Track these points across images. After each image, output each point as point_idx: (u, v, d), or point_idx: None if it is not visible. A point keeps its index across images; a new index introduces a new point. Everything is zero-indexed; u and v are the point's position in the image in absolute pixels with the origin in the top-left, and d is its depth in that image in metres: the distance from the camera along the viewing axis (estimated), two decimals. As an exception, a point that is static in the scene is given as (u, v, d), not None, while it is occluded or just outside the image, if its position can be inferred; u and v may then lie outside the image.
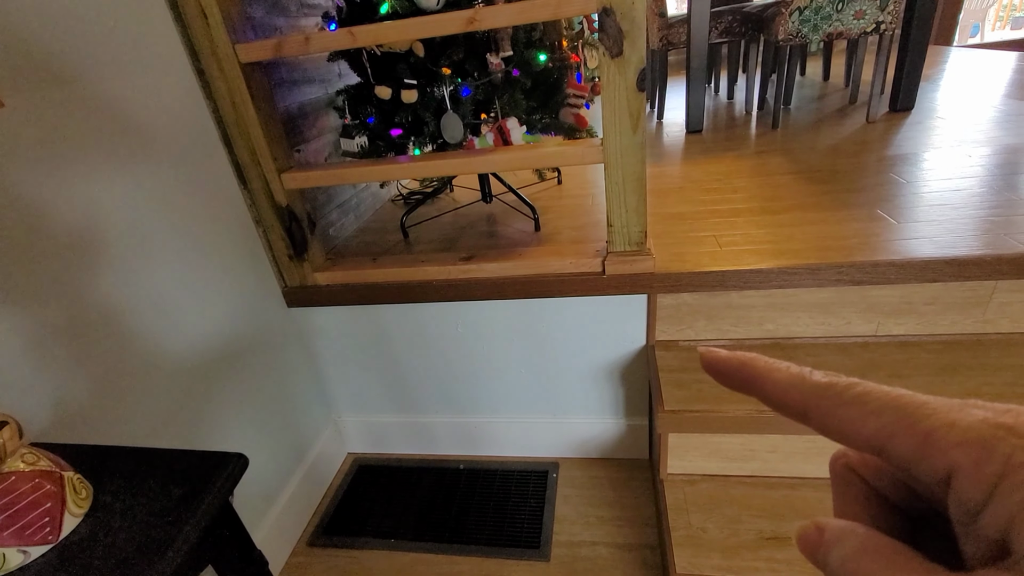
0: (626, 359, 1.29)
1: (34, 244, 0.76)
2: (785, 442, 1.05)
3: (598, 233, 1.32)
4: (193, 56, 1.04)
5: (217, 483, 0.58)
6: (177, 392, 1.00)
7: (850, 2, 1.83)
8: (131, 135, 0.92)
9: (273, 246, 1.26)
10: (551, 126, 1.29)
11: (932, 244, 1.06)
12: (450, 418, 1.50)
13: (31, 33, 0.76)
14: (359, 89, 1.27)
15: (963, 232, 1.09)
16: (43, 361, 0.76)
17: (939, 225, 1.13)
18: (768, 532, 0.98)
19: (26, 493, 0.51)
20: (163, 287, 0.97)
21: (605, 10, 0.90)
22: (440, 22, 0.97)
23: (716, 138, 2.12)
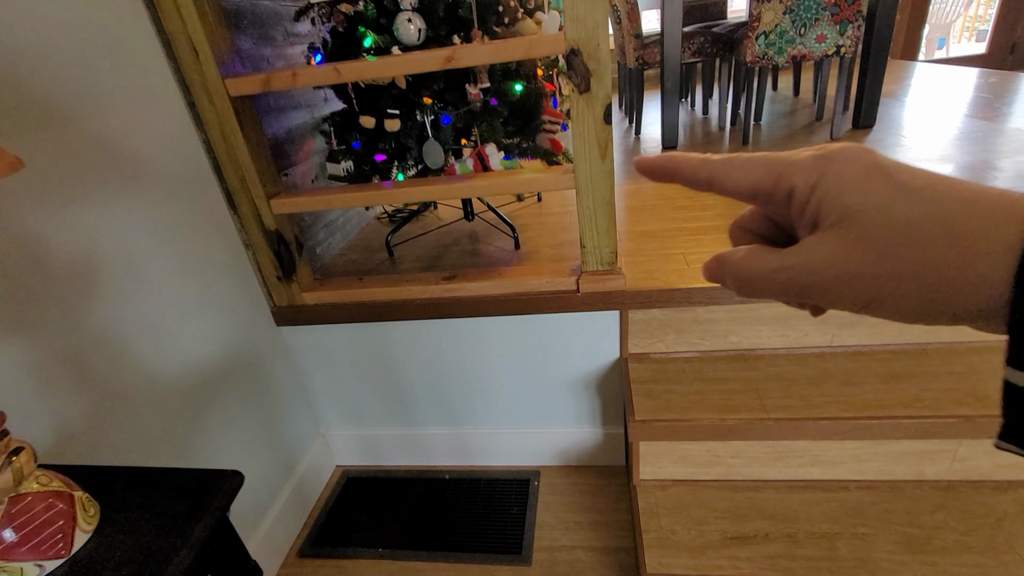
0: (602, 371, 1.36)
1: (37, 276, 0.80)
2: (748, 448, 1.12)
3: (575, 251, 1.39)
4: (185, 90, 1.10)
5: (216, 499, 0.64)
6: (171, 411, 1.04)
7: (812, 27, 1.93)
8: (126, 167, 0.97)
9: (262, 268, 1.31)
10: (528, 151, 1.36)
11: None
12: (436, 430, 1.55)
13: (33, 78, 0.81)
14: (344, 116, 1.33)
15: (908, 250, 1.17)
16: (45, 386, 0.81)
17: (887, 243, 1.22)
18: (732, 532, 1.05)
19: (41, 512, 0.56)
20: (156, 311, 1.02)
21: (573, 51, 0.98)
22: (420, 60, 1.04)
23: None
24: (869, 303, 0.20)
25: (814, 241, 0.21)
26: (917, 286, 0.19)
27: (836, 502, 1.08)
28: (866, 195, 0.19)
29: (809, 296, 0.21)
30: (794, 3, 1.89)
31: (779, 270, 0.21)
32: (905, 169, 0.20)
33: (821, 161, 0.21)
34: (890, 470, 1.10)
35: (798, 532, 1.03)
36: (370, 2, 1.12)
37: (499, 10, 1.16)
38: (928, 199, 0.19)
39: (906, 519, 1.03)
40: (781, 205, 0.22)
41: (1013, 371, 0.17)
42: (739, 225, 0.26)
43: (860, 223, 0.19)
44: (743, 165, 0.22)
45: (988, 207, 0.18)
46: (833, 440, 1.09)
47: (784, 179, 0.21)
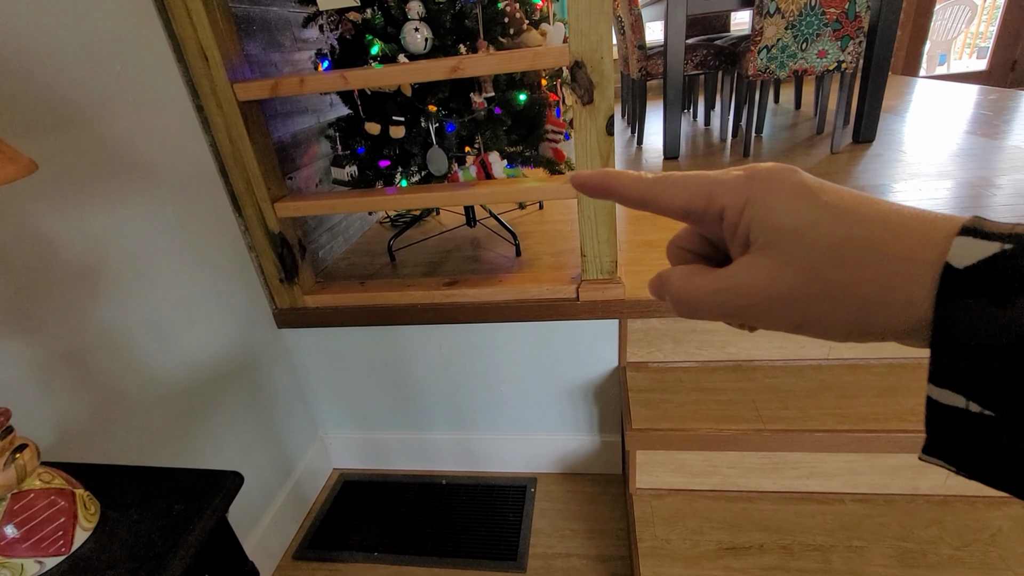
0: (600, 379, 1.36)
1: (44, 275, 0.81)
2: (743, 459, 1.13)
3: (575, 259, 1.40)
4: (193, 94, 1.11)
5: (215, 500, 0.64)
6: (171, 411, 1.05)
7: (814, 42, 1.95)
8: (134, 169, 0.98)
9: (265, 270, 1.32)
10: (531, 159, 1.37)
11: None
12: (434, 435, 1.55)
13: (46, 82, 0.82)
14: (350, 121, 1.35)
15: (905, 264, 1.19)
16: (48, 384, 0.82)
17: (885, 257, 1.23)
18: (727, 543, 1.05)
19: (42, 509, 0.57)
20: (160, 311, 1.03)
21: (577, 63, 0.99)
22: (426, 69, 1.05)
23: (692, 164, 2.23)
24: (801, 324, 0.20)
25: (745, 263, 0.21)
26: (845, 307, 0.19)
27: (831, 514, 1.08)
28: (792, 216, 0.20)
29: (744, 318, 0.22)
30: (796, 18, 1.91)
31: (714, 292, 0.22)
32: (830, 190, 0.20)
33: (749, 182, 0.21)
34: (885, 484, 1.11)
35: (793, 544, 1.04)
36: (378, 11, 1.13)
37: (505, 21, 1.18)
38: (852, 221, 0.19)
39: (900, 533, 1.03)
40: (714, 225, 0.22)
41: (935, 388, 0.18)
42: (676, 244, 0.26)
43: (787, 245, 0.20)
44: (675, 184, 0.23)
45: (909, 228, 0.18)
46: (829, 452, 1.09)
47: (715, 200, 0.22)
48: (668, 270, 0.25)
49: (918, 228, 0.18)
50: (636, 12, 2.47)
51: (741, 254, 0.22)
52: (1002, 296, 0.16)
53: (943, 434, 0.18)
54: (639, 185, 0.23)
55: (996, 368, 0.16)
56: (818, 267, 0.19)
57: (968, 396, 0.17)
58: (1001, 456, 0.17)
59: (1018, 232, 0.16)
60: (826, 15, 1.88)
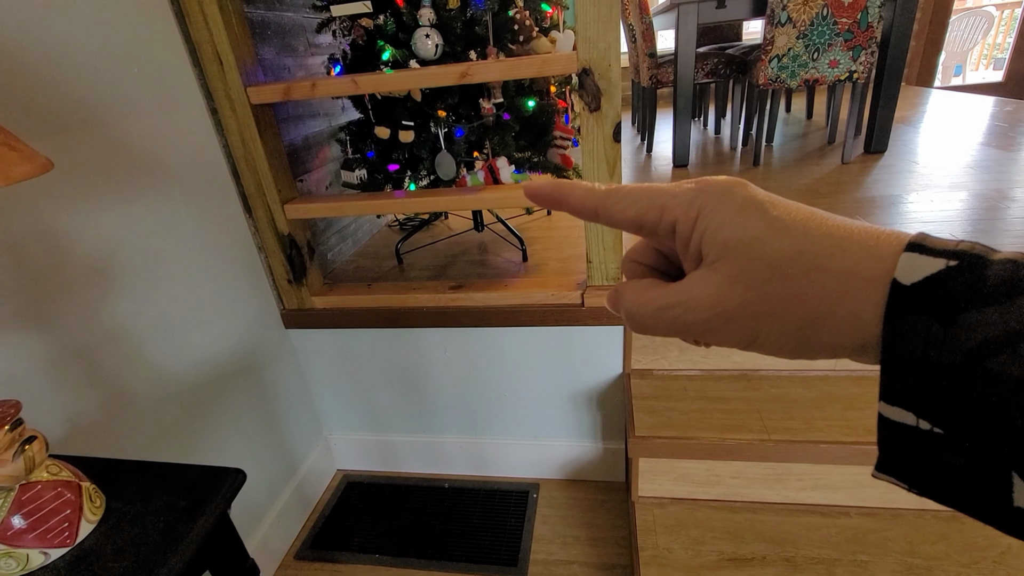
0: (604, 386, 1.36)
1: (58, 271, 0.83)
2: (747, 469, 1.12)
3: (581, 265, 1.40)
4: (208, 97, 1.13)
5: (218, 496, 0.65)
6: (178, 408, 1.06)
7: (825, 52, 1.95)
8: (148, 170, 1.00)
9: (274, 271, 1.33)
10: (539, 165, 1.38)
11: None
12: (438, 438, 1.56)
13: (65, 83, 0.85)
14: (360, 125, 1.36)
15: (915, 276, 1.17)
16: (59, 379, 0.83)
17: (894, 268, 1.22)
18: (729, 553, 1.04)
19: (49, 501, 0.58)
20: (170, 310, 1.05)
21: (585, 71, 1.00)
22: (436, 75, 1.07)
23: (701, 173, 2.23)
24: (751, 340, 0.20)
25: (696, 278, 0.21)
26: (793, 322, 0.19)
27: (836, 527, 1.07)
28: (741, 230, 0.20)
29: (695, 334, 0.21)
30: (808, 28, 1.91)
31: (666, 308, 0.21)
32: (779, 204, 0.20)
33: (699, 195, 0.21)
34: (891, 497, 1.09)
35: (796, 556, 1.02)
36: (390, 17, 1.15)
37: (515, 28, 1.19)
38: (799, 236, 0.19)
39: (907, 548, 1.02)
40: (666, 238, 0.22)
41: (886, 405, 0.18)
42: (631, 258, 0.26)
43: (737, 260, 0.20)
44: (627, 196, 0.22)
45: (855, 243, 0.18)
46: (834, 464, 1.08)
47: (667, 212, 0.21)
48: (623, 284, 0.24)
49: (864, 243, 0.18)
50: (647, 20, 2.48)
51: (694, 268, 0.21)
52: (948, 313, 0.16)
53: (895, 451, 0.18)
54: (591, 196, 0.23)
55: (944, 386, 0.16)
56: (764, 281, 0.19)
57: (918, 414, 0.17)
58: (950, 474, 0.17)
59: (963, 249, 0.16)
60: (838, 25, 1.88)
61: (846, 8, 1.84)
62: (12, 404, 0.57)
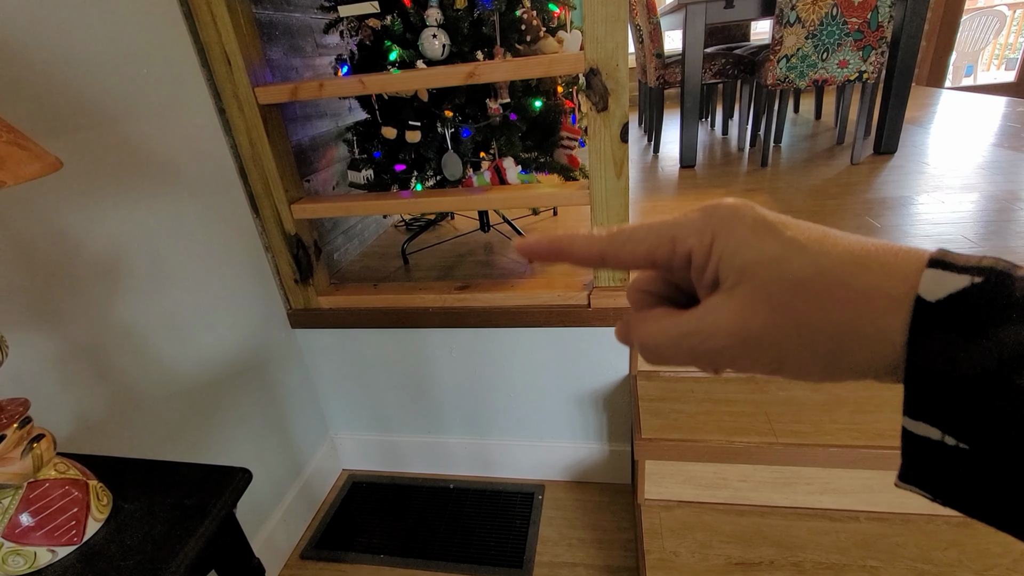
0: (610, 387, 1.35)
1: (67, 270, 0.84)
2: (755, 472, 1.11)
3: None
4: (216, 97, 1.14)
5: (224, 495, 0.65)
6: (185, 407, 1.06)
7: (834, 52, 1.93)
8: (157, 170, 1.00)
9: (280, 271, 1.34)
10: (546, 165, 1.38)
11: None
12: (443, 438, 1.56)
13: (74, 83, 0.85)
14: (367, 126, 1.37)
15: (926, 278, 1.16)
16: (67, 377, 0.84)
17: (905, 270, 1.20)
18: (737, 558, 1.03)
19: (57, 499, 0.58)
20: (177, 309, 1.05)
21: (592, 70, 0.99)
22: (443, 75, 1.06)
23: (708, 174, 2.21)
24: (777, 365, 0.20)
25: (715, 303, 0.20)
26: (820, 344, 0.18)
27: (845, 532, 1.06)
28: (758, 253, 0.19)
29: (719, 362, 0.21)
30: (817, 28, 1.90)
31: (684, 336, 0.21)
32: (792, 224, 0.20)
33: (710, 219, 0.21)
34: (902, 502, 1.08)
35: (805, 561, 1.01)
36: (397, 18, 1.15)
37: (522, 28, 1.19)
38: (818, 254, 0.19)
39: (918, 554, 1.00)
40: (681, 269, 0.22)
41: (910, 420, 0.17)
42: (637, 288, 0.25)
43: (757, 282, 0.19)
44: (632, 236, 0.22)
45: (876, 261, 0.18)
46: (844, 468, 1.07)
47: (679, 244, 0.21)
48: (633, 314, 0.24)
49: (884, 261, 0.18)
50: (655, 21, 2.47)
51: (709, 294, 0.21)
52: (975, 330, 0.16)
53: (919, 463, 0.18)
54: (595, 244, 0.22)
55: (970, 402, 0.16)
56: (787, 303, 0.19)
57: (943, 429, 0.17)
58: (977, 487, 0.17)
59: (987, 265, 0.16)
60: (848, 25, 1.86)
61: (856, 8, 1.83)
62: (21, 402, 0.57)
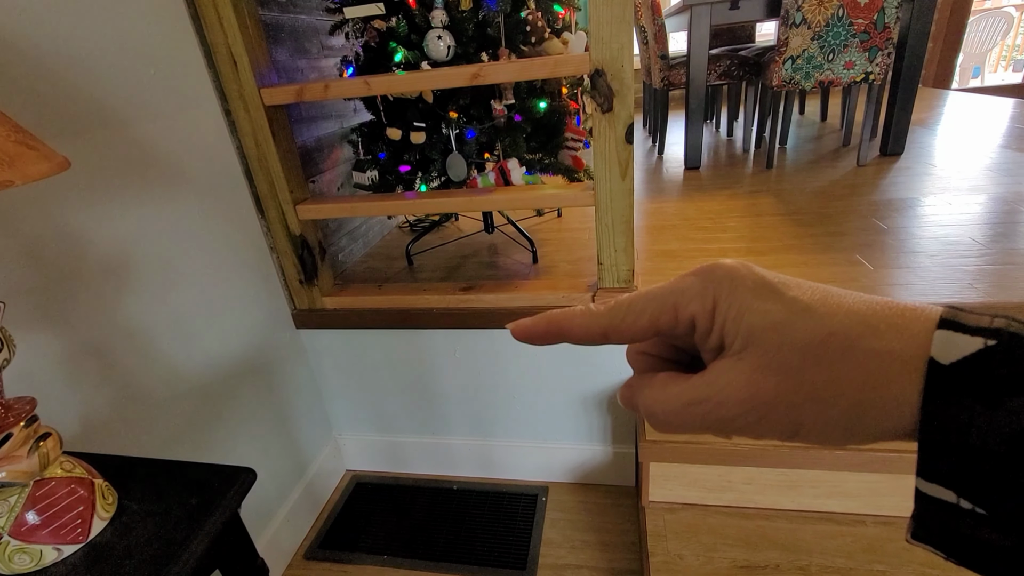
0: (614, 389, 1.35)
1: (75, 270, 0.84)
2: (760, 475, 1.10)
3: (592, 267, 1.39)
4: (222, 98, 1.14)
5: (229, 495, 0.65)
6: (190, 407, 1.07)
7: (840, 53, 1.92)
8: (163, 170, 1.01)
9: (285, 271, 1.34)
10: (550, 167, 1.38)
11: (904, 290, 1.13)
12: (446, 440, 1.55)
13: (82, 84, 0.86)
14: (372, 127, 1.37)
15: (933, 280, 1.15)
16: (74, 376, 0.84)
17: (912, 272, 1.20)
18: (742, 561, 1.02)
19: (63, 497, 0.58)
20: (183, 309, 1.05)
21: (597, 72, 0.99)
22: (448, 76, 1.07)
23: (713, 175, 2.21)
24: (794, 431, 0.19)
25: (724, 368, 0.20)
26: (837, 411, 0.18)
27: (851, 536, 1.05)
28: (762, 316, 0.19)
29: (732, 430, 0.20)
30: (823, 29, 1.89)
31: (693, 403, 0.20)
32: (791, 284, 0.19)
33: (708, 284, 0.20)
34: (909, 507, 1.06)
35: (811, 565, 1.00)
36: (402, 19, 1.16)
37: (527, 30, 1.19)
38: (824, 316, 0.18)
39: (926, 559, 0.99)
40: (685, 335, 0.21)
41: (924, 482, 0.17)
42: (637, 350, 0.25)
43: (765, 347, 0.19)
44: (632, 308, 0.21)
45: (884, 321, 0.17)
46: (850, 471, 1.06)
47: (681, 311, 0.20)
48: (637, 379, 0.23)
49: (892, 321, 0.17)
50: (660, 22, 2.47)
51: (714, 358, 0.20)
52: (990, 397, 0.15)
53: (933, 524, 0.18)
54: (595, 320, 0.22)
55: (987, 470, 0.15)
56: (798, 368, 0.18)
57: (959, 493, 0.16)
58: (992, 551, 0.16)
59: (999, 327, 0.16)
60: (854, 26, 1.86)
61: (862, 9, 1.82)
62: (28, 401, 0.58)
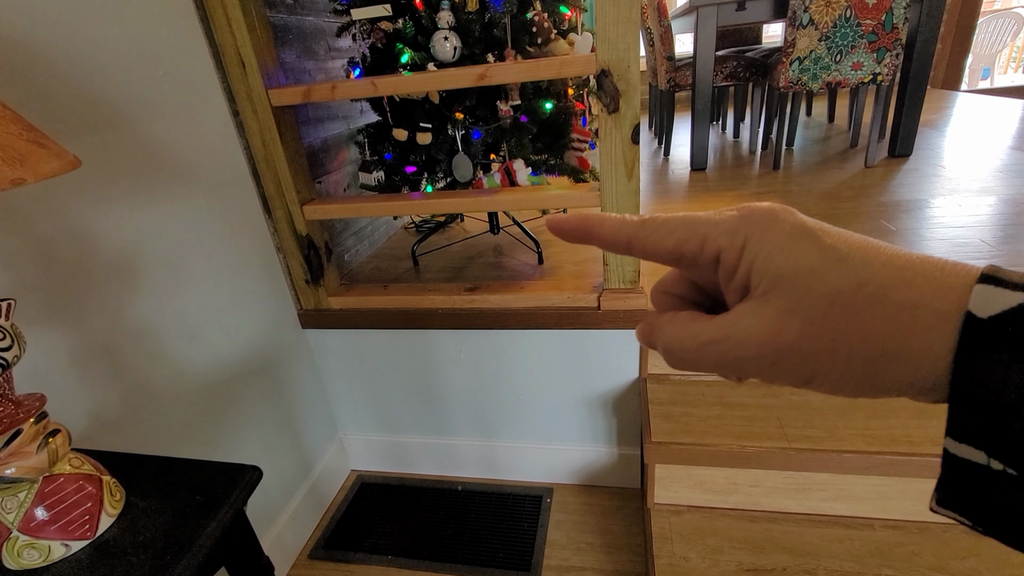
0: (620, 390, 1.35)
1: (83, 269, 0.85)
2: (767, 477, 1.09)
3: (598, 268, 1.39)
4: (230, 99, 1.15)
5: (235, 492, 0.66)
6: (197, 405, 1.07)
7: (848, 54, 1.91)
8: (172, 170, 1.02)
9: (292, 271, 1.35)
10: (556, 167, 1.38)
11: (912, 292, 1.11)
12: (452, 440, 1.55)
13: (93, 84, 0.87)
14: (378, 128, 1.37)
15: (943, 282, 1.14)
16: (83, 374, 0.85)
17: (921, 274, 1.19)
18: (748, 564, 1.02)
19: (71, 493, 0.59)
20: (190, 309, 1.06)
21: (603, 72, 0.99)
22: (454, 76, 1.07)
23: (719, 177, 2.20)
24: (809, 378, 0.19)
25: (745, 311, 0.19)
26: (858, 361, 0.18)
27: (859, 540, 1.04)
28: (794, 260, 0.18)
29: (746, 371, 0.20)
30: (830, 30, 1.88)
31: (711, 343, 0.20)
32: (831, 232, 0.19)
33: (745, 221, 0.20)
34: (918, 510, 1.06)
35: (818, 569, 1.00)
36: (409, 20, 1.16)
37: (533, 31, 1.19)
38: (858, 265, 0.18)
39: (934, 563, 0.98)
40: (707, 269, 0.21)
41: (953, 442, 0.17)
42: (661, 289, 0.24)
43: (791, 292, 0.18)
44: (663, 226, 0.21)
45: (920, 274, 0.17)
46: (858, 475, 1.05)
47: (709, 241, 0.20)
48: (657, 316, 0.23)
49: (929, 274, 0.17)
50: (666, 23, 2.47)
51: (738, 300, 0.20)
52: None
53: (961, 488, 0.17)
54: (623, 228, 0.22)
55: (1020, 428, 0.15)
56: (824, 316, 0.18)
57: (990, 453, 0.16)
58: (1021, 515, 0.16)
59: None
60: (862, 27, 1.85)
61: (870, 9, 1.81)
62: (37, 397, 0.58)
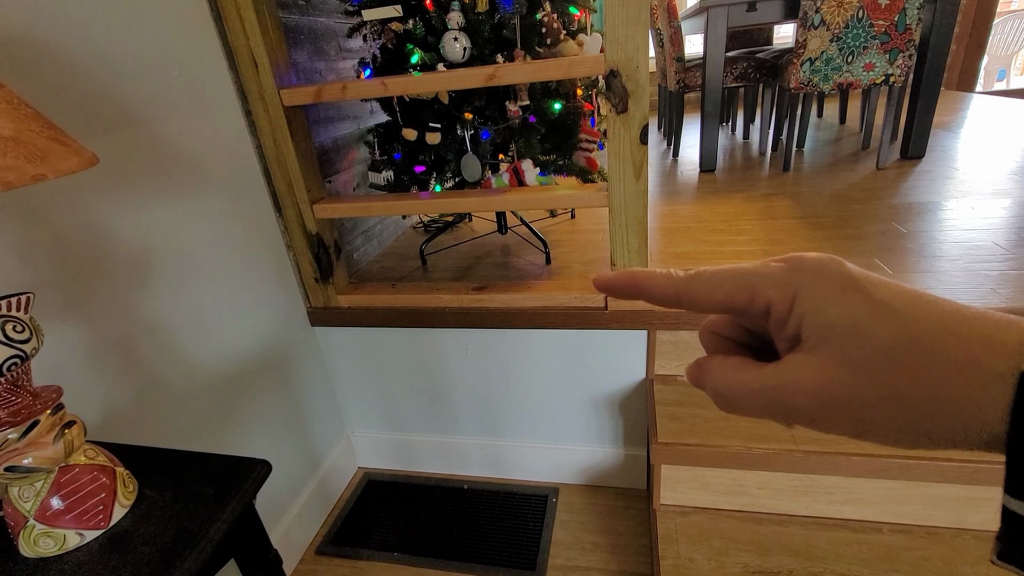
0: (626, 391, 1.35)
1: (99, 265, 0.87)
2: (774, 479, 1.09)
3: (605, 268, 1.39)
4: (242, 99, 1.17)
5: (245, 485, 0.67)
6: (207, 401, 1.09)
7: (860, 55, 1.90)
8: (185, 169, 1.03)
9: (301, 269, 1.36)
10: (564, 168, 1.38)
11: (923, 295, 1.10)
12: (458, 439, 1.56)
13: (110, 84, 0.88)
14: (388, 128, 1.39)
15: (955, 285, 1.13)
16: (97, 368, 0.87)
17: (932, 276, 1.18)
18: (754, 566, 1.01)
19: (86, 484, 0.60)
20: (202, 305, 1.08)
21: (612, 72, 0.99)
22: (463, 77, 1.08)
23: (728, 178, 2.19)
24: (861, 430, 0.19)
25: (797, 362, 0.20)
26: (910, 415, 0.18)
27: (867, 544, 1.03)
28: (846, 314, 0.19)
29: (795, 420, 0.20)
30: (842, 31, 1.87)
31: (762, 391, 0.21)
32: (881, 284, 0.19)
33: (794, 274, 0.20)
34: (928, 515, 1.05)
35: (824, 572, 0.99)
36: (419, 21, 1.17)
37: (542, 31, 1.19)
38: (909, 320, 0.18)
39: (944, 569, 0.97)
40: (759, 318, 0.22)
41: (1011, 499, 0.17)
42: (711, 330, 0.25)
43: (842, 344, 0.19)
44: (711, 280, 0.22)
45: (973, 331, 0.17)
46: (867, 478, 1.04)
47: (759, 294, 0.21)
48: (708, 359, 0.23)
49: (982, 332, 0.17)
50: (676, 24, 2.46)
51: (789, 349, 0.21)
52: None
53: (1019, 543, 0.17)
54: (672, 284, 0.22)
55: None
56: (876, 369, 0.18)
57: None
58: None
59: None
60: (874, 27, 1.83)
61: (883, 10, 1.79)
62: (55, 389, 0.60)
